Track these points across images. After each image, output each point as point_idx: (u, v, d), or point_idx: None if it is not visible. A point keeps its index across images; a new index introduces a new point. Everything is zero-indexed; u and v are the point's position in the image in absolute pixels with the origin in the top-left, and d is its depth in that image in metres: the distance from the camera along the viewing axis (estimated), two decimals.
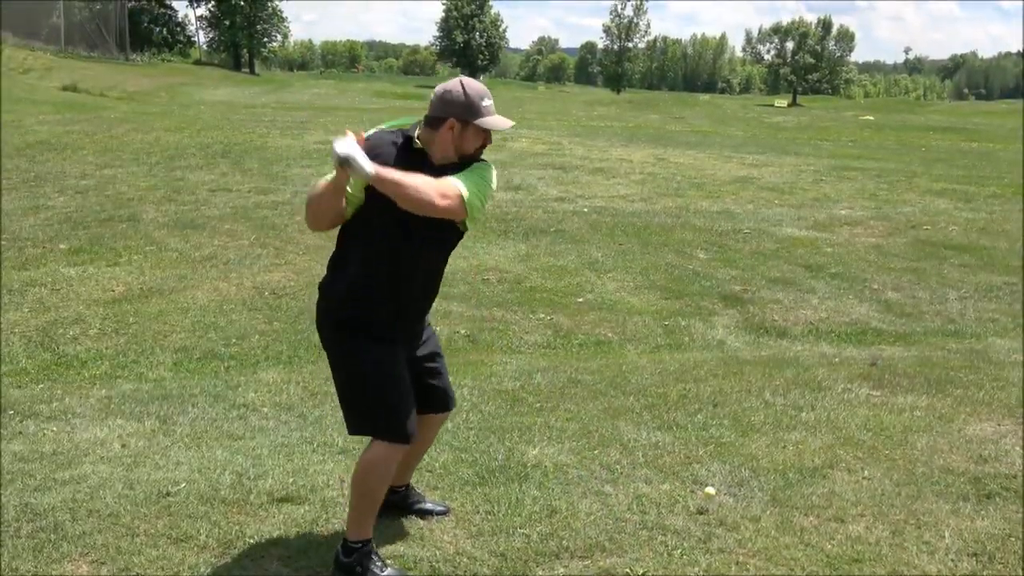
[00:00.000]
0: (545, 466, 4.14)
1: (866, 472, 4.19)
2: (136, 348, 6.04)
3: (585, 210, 11.47)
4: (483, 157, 3.15)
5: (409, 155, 3.00)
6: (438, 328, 6.50)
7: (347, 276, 3.12)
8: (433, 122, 3.02)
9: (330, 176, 2.97)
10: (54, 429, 4.58)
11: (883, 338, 7.10)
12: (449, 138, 3.02)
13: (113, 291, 7.26)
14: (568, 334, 6.81)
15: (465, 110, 3.00)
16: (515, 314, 7.16)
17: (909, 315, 7.71)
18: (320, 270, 3.35)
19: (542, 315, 7.18)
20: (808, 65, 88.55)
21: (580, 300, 7.67)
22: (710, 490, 3.92)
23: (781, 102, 67.08)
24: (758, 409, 5.02)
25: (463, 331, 6.64)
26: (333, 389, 5.12)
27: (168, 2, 66.83)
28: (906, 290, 8.42)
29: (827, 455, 4.37)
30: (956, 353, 6.50)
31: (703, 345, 6.77)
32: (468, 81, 3.06)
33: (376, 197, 2.92)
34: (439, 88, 3.06)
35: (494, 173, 3.13)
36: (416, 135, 3.05)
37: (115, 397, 5.08)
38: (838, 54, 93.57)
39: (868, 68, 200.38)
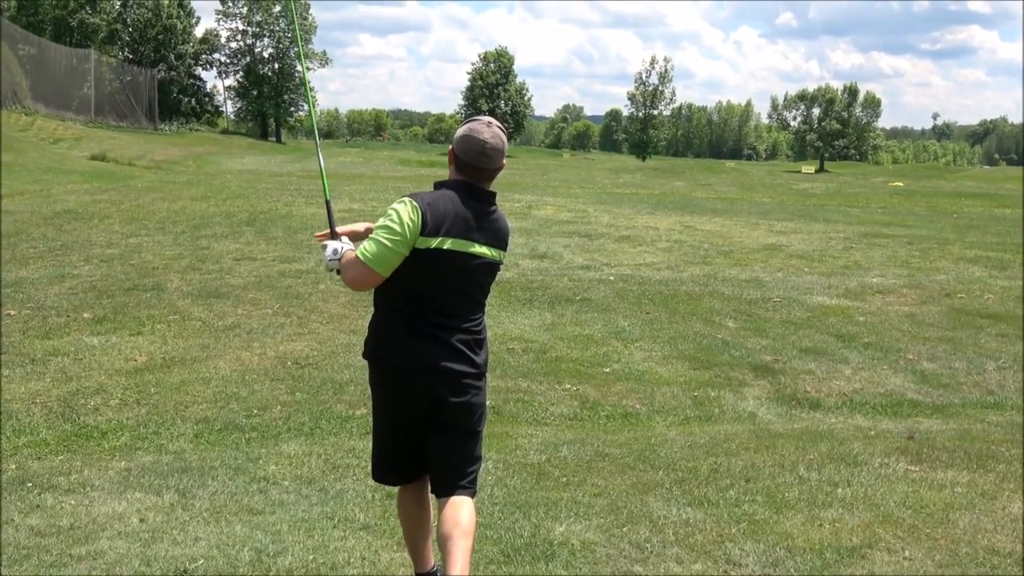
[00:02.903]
0: (572, 544, 4.06)
1: (907, 552, 4.07)
2: (157, 419, 6.04)
3: (611, 278, 11.47)
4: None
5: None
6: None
7: (375, 313, 3.35)
8: None
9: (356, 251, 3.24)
10: (72, 503, 4.56)
11: (920, 410, 6.98)
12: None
13: (135, 361, 7.30)
14: (595, 405, 6.74)
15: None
16: (540, 385, 7.11)
17: (946, 386, 7.58)
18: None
19: (568, 386, 7.12)
20: (835, 131, 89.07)
21: (607, 370, 7.61)
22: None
23: (808, 168, 67.34)
24: (792, 484, 4.92)
25: (488, 402, 6.59)
26: (356, 462, 5.13)
27: (197, 72, 68.65)
28: (942, 360, 8.29)
29: (865, 534, 4.26)
30: (997, 426, 6.36)
31: (734, 417, 6.68)
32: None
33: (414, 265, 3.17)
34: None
35: (400, 205, 3.20)
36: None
37: (134, 469, 5.06)
38: (865, 120, 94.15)
39: (896, 134, 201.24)
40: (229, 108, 74.07)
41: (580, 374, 7.45)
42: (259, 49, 71.03)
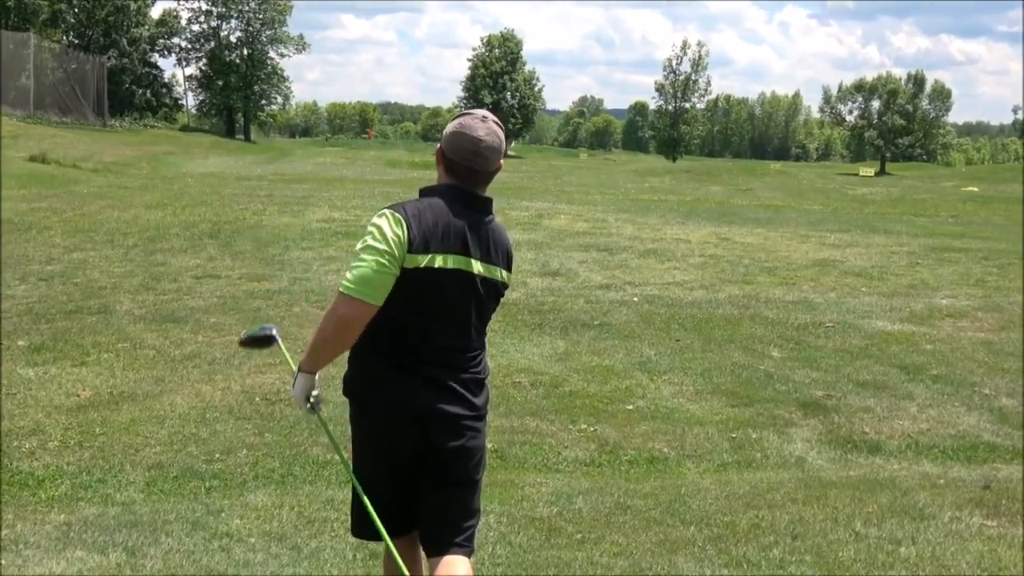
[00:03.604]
0: None
1: None
2: (103, 464, 6.04)
3: (635, 300, 11.47)
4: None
5: None
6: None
7: (356, 345, 3.29)
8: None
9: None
10: (2, 563, 4.56)
11: (997, 454, 6.95)
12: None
13: (78, 396, 7.31)
14: (615, 449, 6.73)
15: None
16: (552, 424, 7.11)
17: None
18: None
19: (584, 426, 7.12)
20: (898, 127, 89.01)
21: (630, 408, 7.60)
22: None
23: (867, 171, 67.26)
24: (847, 543, 4.91)
25: (490, 445, 6.57)
26: (334, 515, 5.13)
27: (153, 60, 68.98)
28: None
29: None
30: None
31: (778, 463, 6.66)
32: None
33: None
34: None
35: (379, 219, 3.19)
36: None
37: (76, 524, 5.06)
38: (933, 114, 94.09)
39: (969, 130, 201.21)
40: (190, 101, 74.44)
41: (598, 412, 7.45)
42: (225, 32, 71.39)
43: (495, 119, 3.32)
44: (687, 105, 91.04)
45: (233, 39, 71.79)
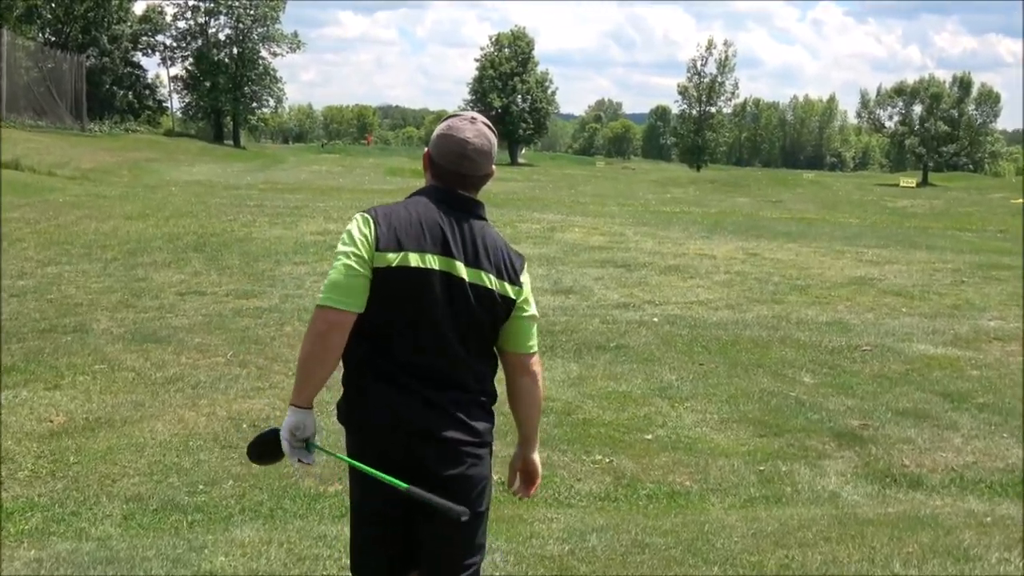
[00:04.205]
0: None
1: None
2: (77, 496, 6.05)
3: (655, 320, 11.46)
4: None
5: None
6: None
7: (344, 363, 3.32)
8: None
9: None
10: None
11: None
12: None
13: (51, 422, 7.33)
14: (633, 482, 6.72)
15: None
16: (563, 455, 7.10)
17: None
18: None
19: (599, 456, 7.10)
20: (942, 134, 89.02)
21: (648, 437, 7.59)
22: None
23: (908, 181, 67.25)
24: None
25: (496, 476, 6.57)
26: (327, 552, 5.13)
27: (136, 59, 69.30)
28: None
29: None
30: None
31: (810, 498, 6.64)
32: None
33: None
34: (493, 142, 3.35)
35: (350, 223, 3.23)
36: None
37: (47, 560, 5.06)
38: (980, 120, 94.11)
39: (1019, 138, 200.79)
40: (175, 103, 74.90)
41: (614, 442, 7.43)
42: (213, 29, 71.87)
43: (485, 121, 3.33)
44: (712, 110, 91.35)
45: (222, 37, 72.25)
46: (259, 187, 31.67)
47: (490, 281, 3.20)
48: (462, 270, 3.16)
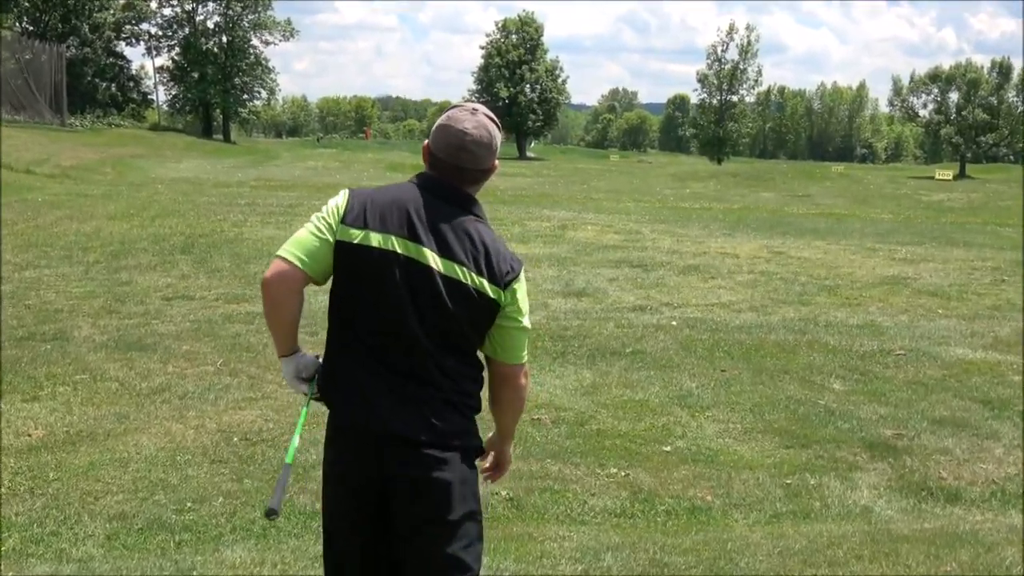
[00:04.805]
0: None
1: None
2: (57, 515, 6.05)
3: (674, 323, 11.45)
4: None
5: None
6: None
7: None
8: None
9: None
10: None
11: None
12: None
13: (29, 436, 7.33)
14: (650, 497, 6.71)
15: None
16: (576, 468, 7.09)
17: None
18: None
19: (614, 470, 7.09)
20: (980, 123, 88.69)
21: (667, 449, 7.58)
22: None
23: (944, 173, 67.12)
24: None
25: (504, 492, 6.58)
26: (320, 573, 5.12)
27: (119, 49, 69.40)
28: None
29: None
30: None
31: (841, 513, 6.62)
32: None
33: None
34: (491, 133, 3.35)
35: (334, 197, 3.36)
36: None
37: None
38: (1021, 108, 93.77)
39: None
40: (161, 96, 75.11)
41: (630, 454, 7.42)
42: (201, 16, 72.10)
43: (488, 112, 3.35)
44: (734, 98, 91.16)
45: (210, 25, 72.40)
46: (250, 184, 31.72)
47: (464, 275, 3.19)
48: (431, 259, 3.18)
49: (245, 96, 74.42)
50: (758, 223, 24.00)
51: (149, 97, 74.27)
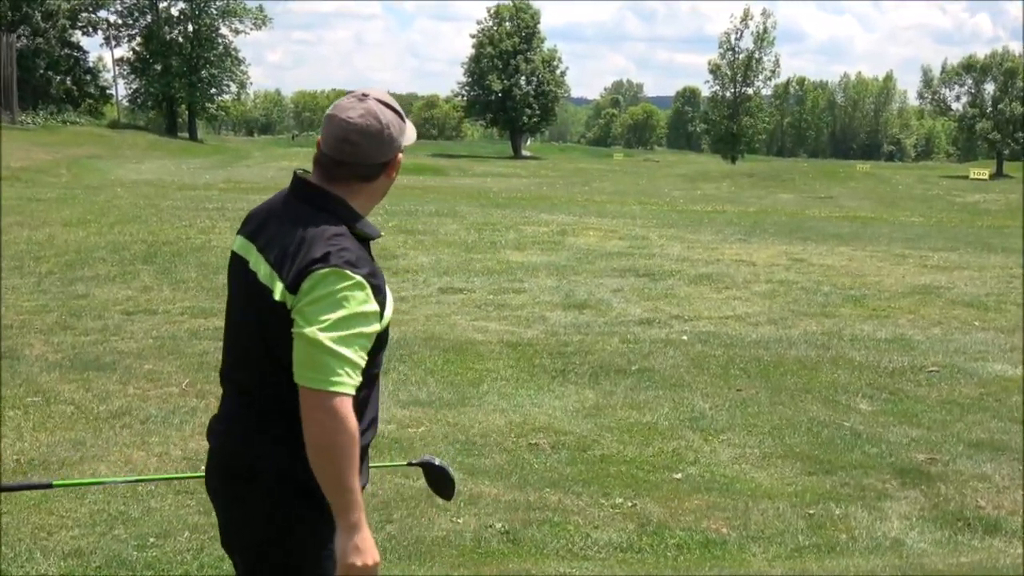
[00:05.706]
0: None
1: None
2: (6, 552, 6.03)
3: (684, 338, 11.44)
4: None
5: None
6: (460, 520, 6.44)
7: None
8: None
9: None
10: None
11: None
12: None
13: None
14: (660, 529, 6.69)
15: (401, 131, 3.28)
16: (578, 498, 7.07)
17: None
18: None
19: (619, 500, 7.08)
20: (1018, 117, 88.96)
21: (678, 476, 7.57)
22: None
23: (979, 172, 67.33)
24: None
25: (498, 525, 6.57)
26: None
27: (75, 39, 69.34)
28: None
29: None
30: None
31: (869, 546, 6.61)
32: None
33: None
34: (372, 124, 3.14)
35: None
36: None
37: None
38: None
39: None
40: (121, 90, 75.06)
41: (637, 482, 7.41)
42: (165, 3, 72.05)
43: (381, 98, 3.21)
44: (749, 91, 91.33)
45: (175, 12, 72.49)
46: (219, 187, 31.71)
47: (262, 270, 3.04)
48: (253, 257, 3.10)
49: (213, 90, 74.42)
50: (776, 228, 24.00)
51: (108, 92, 74.13)
